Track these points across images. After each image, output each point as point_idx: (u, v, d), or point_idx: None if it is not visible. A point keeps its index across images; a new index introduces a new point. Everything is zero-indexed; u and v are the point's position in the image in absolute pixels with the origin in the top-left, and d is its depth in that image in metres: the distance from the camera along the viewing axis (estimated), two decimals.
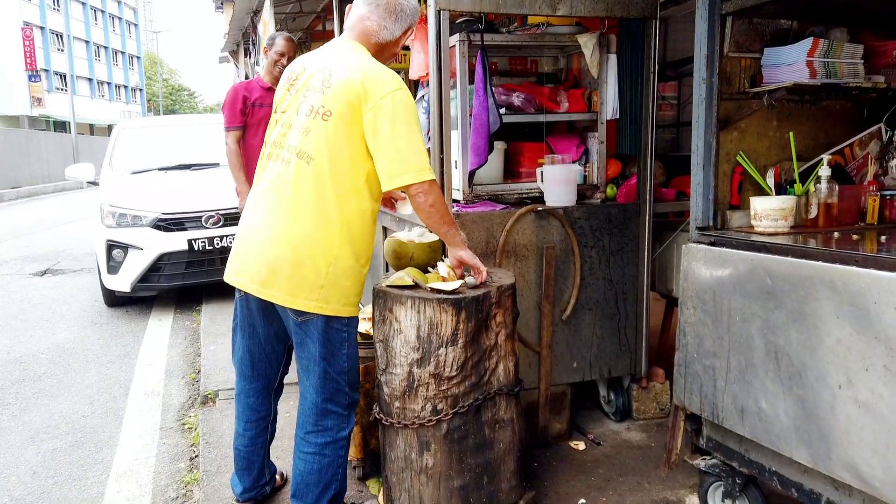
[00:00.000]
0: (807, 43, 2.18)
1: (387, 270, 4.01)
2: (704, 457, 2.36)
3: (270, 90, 4.22)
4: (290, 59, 4.16)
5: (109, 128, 48.82)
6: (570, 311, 3.05)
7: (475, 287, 2.34)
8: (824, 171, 2.25)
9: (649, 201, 3.09)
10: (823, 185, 2.25)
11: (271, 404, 2.42)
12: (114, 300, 6.00)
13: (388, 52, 2.21)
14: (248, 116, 4.17)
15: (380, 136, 2.00)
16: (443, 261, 2.51)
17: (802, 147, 2.51)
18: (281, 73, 4.16)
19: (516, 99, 3.22)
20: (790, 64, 2.23)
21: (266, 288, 2.08)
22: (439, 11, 2.68)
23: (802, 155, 2.49)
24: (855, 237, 2.07)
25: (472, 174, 2.96)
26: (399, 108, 2.00)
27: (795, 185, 2.35)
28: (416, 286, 2.34)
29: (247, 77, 10.68)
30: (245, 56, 11.43)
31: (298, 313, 2.09)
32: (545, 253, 2.96)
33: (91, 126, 45.89)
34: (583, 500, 2.60)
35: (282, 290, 2.05)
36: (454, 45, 3.05)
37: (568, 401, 3.16)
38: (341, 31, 5.03)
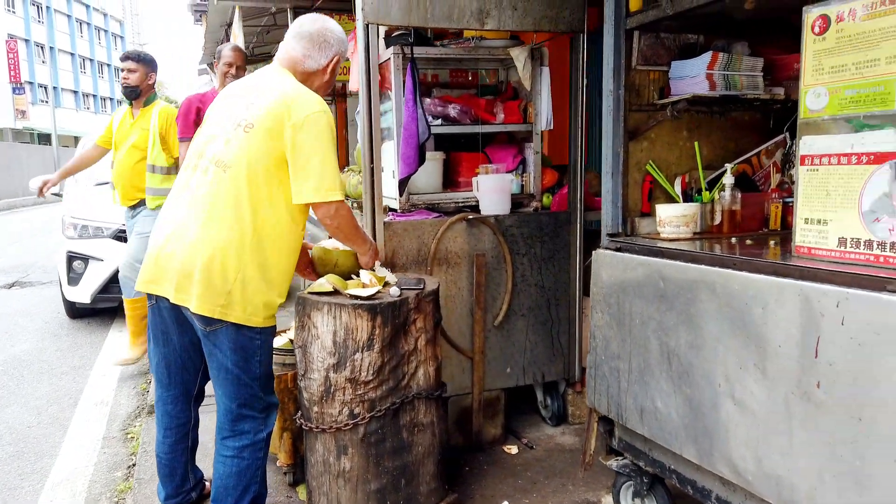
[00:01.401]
0: (706, 56, 2.27)
1: None
2: (617, 457, 2.42)
3: None
4: (238, 69, 4.22)
5: None
6: (503, 318, 3.11)
7: (406, 291, 2.40)
8: (727, 180, 2.34)
9: (580, 209, 3.17)
10: (727, 193, 2.34)
11: (191, 411, 2.45)
12: (75, 312, 6.00)
13: (317, 80, 2.32)
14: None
15: (297, 154, 2.09)
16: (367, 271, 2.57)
17: (713, 156, 2.60)
18: (233, 80, 4.24)
19: (452, 110, 3.30)
20: (693, 77, 2.31)
21: (179, 293, 2.11)
22: (367, 25, 2.75)
23: (712, 164, 2.58)
24: (748, 242, 2.15)
25: (403, 183, 3.02)
26: (318, 129, 2.10)
27: (703, 193, 2.44)
28: (335, 292, 2.39)
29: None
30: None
31: (206, 322, 2.11)
32: (475, 260, 3.03)
33: (76, 138, 45.70)
34: (506, 502, 2.65)
35: (192, 295, 2.08)
36: (388, 58, 3.13)
37: (502, 405, 3.21)
38: None
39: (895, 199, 1.52)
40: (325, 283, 2.41)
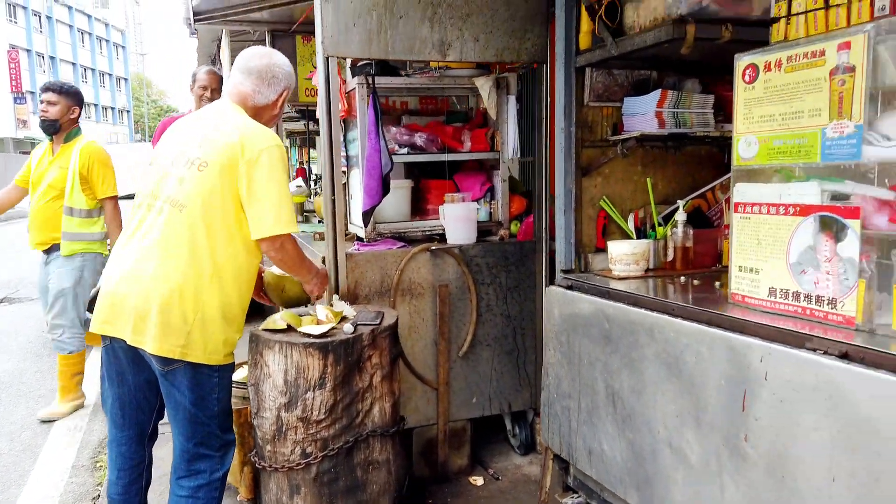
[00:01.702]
0: (656, 95, 2.27)
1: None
2: (573, 495, 2.41)
3: None
4: (213, 92, 4.23)
5: None
6: (467, 348, 3.11)
7: (362, 326, 2.40)
8: (680, 217, 2.34)
9: (545, 238, 3.17)
10: (679, 230, 2.34)
11: (145, 451, 2.44)
12: None
13: (267, 115, 2.33)
14: None
15: (252, 190, 2.10)
16: (323, 303, 2.57)
17: (669, 190, 2.60)
18: (208, 103, 4.26)
19: (419, 139, 3.31)
20: (643, 114, 2.32)
21: (136, 334, 2.09)
22: (327, 58, 2.76)
23: (668, 198, 2.58)
24: (695, 282, 2.14)
25: (367, 214, 3.02)
26: (271, 164, 2.12)
27: (657, 229, 2.44)
28: (288, 329, 2.39)
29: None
30: None
31: (164, 363, 2.10)
32: (439, 292, 3.03)
33: None
34: None
35: (150, 336, 2.07)
36: (353, 88, 3.15)
37: (468, 436, 3.21)
38: None
39: (819, 253, 1.52)
40: (279, 319, 2.41)
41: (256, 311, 3.12)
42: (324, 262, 2.92)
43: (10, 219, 20.12)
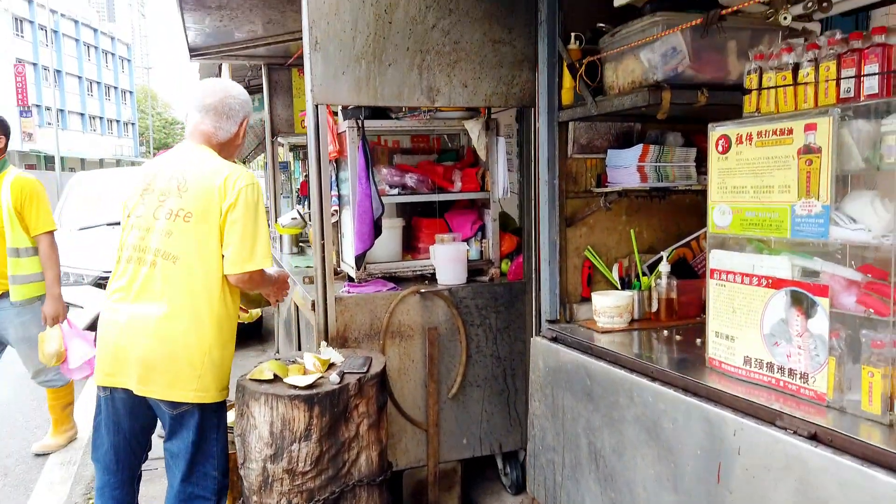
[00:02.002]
0: (637, 149, 2.30)
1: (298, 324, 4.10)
2: None
3: None
4: None
5: (100, 162, 49.17)
6: (457, 389, 3.12)
7: (349, 375, 2.42)
8: (663, 268, 2.36)
9: (535, 279, 3.18)
10: (663, 282, 2.36)
11: (135, 493, 2.47)
12: None
13: (232, 146, 2.38)
14: None
15: (232, 229, 2.17)
16: (314, 352, 2.59)
17: (654, 239, 2.62)
18: None
19: (409, 180, 3.34)
20: (626, 167, 2.34)
21: (143, 384, 2.17)
22: (316, 106, 2.80)
23: (654, 246, 2.60)
24: (678, 337, 2.16)
25: (359, 259, 3.05)
26: (248, 203, 2.18)
27: (641, 279, 2.46)
28: (275, 379, 2.41)
29: None
30: None
31: (174, 406, 2.19)
32: (428, 334, 3.05)
33: (82, 160, 46.24)
34: None
35: (159, 384, 2.16)
36: (344, 131, 3.18)
37: (458, 477, 3.21)
38: (270, 97, 5.20)
39: (791, 326, 1.54)
40: (266, 369, 2.43)
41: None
42: (313, 306, 2.94)
43: None
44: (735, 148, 1.66)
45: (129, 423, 2.33)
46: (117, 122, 53.92)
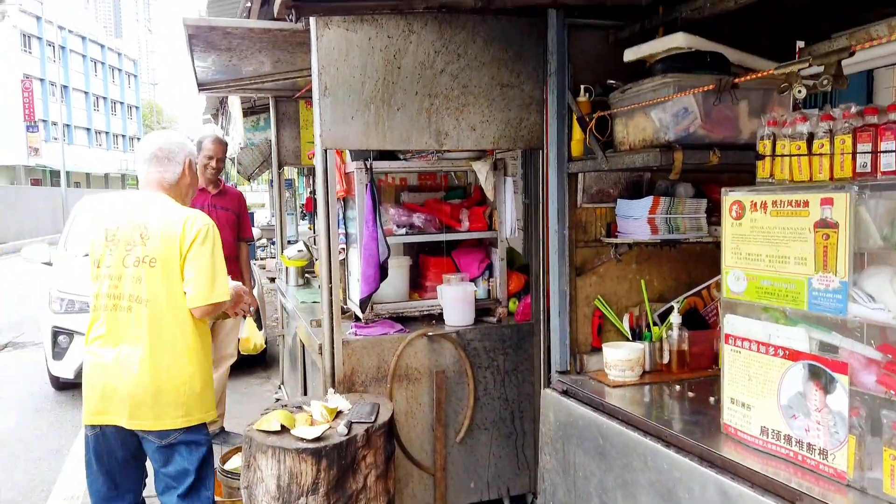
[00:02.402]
0: (648, 201, 2.28)
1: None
2: None
3: (203, 191, 4.32)
4: (218, 161, 4.29)
5: (105, 177, 49.41)
6: (465, 433, 3.09)
7: (356, 425, 2.40)
8: (675, 319, 2.34)
9: (543, 321, 3.16)
10: (674, 333, 2.34)
11: None
12: (60, 384, 6.01)
13: (182, 186, 2.56)
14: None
15: (191, 266, 2.36)
16: (321, 399, 2.58)
17: (664, 287, 2.60)
18: (213, 174, 4.31)
19: (417, 219, 3.33)
20: (636, 219, 2.33)
21: (133, 419, 2.34)
22: (325, 150, 2.80)
23: (664, 295, 2.58)
24: (690, 394, 2.13)
25: (364, 301, 3.03)
26: (205, 242, 2.38)
27: (652, 329, 2.44)
28: (283, 430, 2.39)
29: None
30: (221, 121, 11.76)
31: (162, 436, 2.35)
32: (436, 378, 3.02)
33: (87, 175, 46.46)
34: None
35: (148, 417, 2.33)
36: (352, 171, 3.18)
37: None
38: (277, 129, 5.21)
39: (809, 400, 1.51)
40: (273, 420, 2.41)
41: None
42: (320, 350, 2.93)
43: (18, 251, 20.32)
44: (749, 214, 1.65)
45: (123, 452, 2.45)
46: (123, 136, 54.22)
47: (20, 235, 22.25)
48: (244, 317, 3.99)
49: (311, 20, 2.56)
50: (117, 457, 2.44)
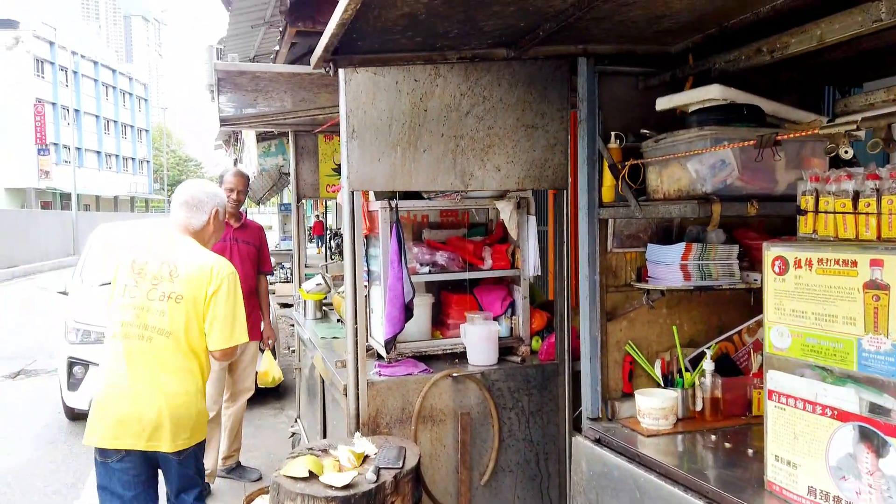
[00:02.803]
0: (680, 248, 2.27)
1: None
2: None
3: (226, 224, 4.33)
4: (239, 194, 4.31)
5: (115, 199, 49.79)
6: (490, 475, 3.05)
7: (385, 470, 2.38)
8: (707, 366, 2.32)
9: (567, 361, 3.14)
10: (707, 380, 2.31)
11: None
12: (74, 415, 5.99)
13: (206, 232, 2.84)
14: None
15: (215, 311, 2.62)
16: (345, 444, 2.56)
17: (695, 331, 2.58)
18: (234, 207, 4.33)
19: (440, 258, 3.33)
20: (668, 264, 2.32)
21: (151, 441, 2.54)
22: (352, 192, 2.81)
23: (695, 339, 2.56)
24: (727, 445, 2.10)
25: (389, 342, 3.02)
26: (229, 288, 2.65)
27: (684, 374, 2.41)
28: (311, 476, 2.37)
29: (235, 163, 11.03)
30: (234, 147, 11.88)
31: (178, 453, 2.59)
32: (460, 419, 3.00)
33: (97, 197, 46.84)
34: None
35: (165, 439, 2.55)
36: (376, 210, 3.19)
37: None
38: (296, 162, 5.25)
39: (860, 463, 1.49)
40: (301, 466, 2.39)
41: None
42: (345, 391, 2.91)
43: (28, 275, 20.42)
44: (793, 271, 1.63)
45: (137, 473, 2.61)
46: (132, 159, 54.77)
47: (30, 259, 22.37)
48: (262, 350, 4.12)
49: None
50: (130, 478, 2.59)
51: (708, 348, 2.34)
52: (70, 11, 35.51)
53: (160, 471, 2.73)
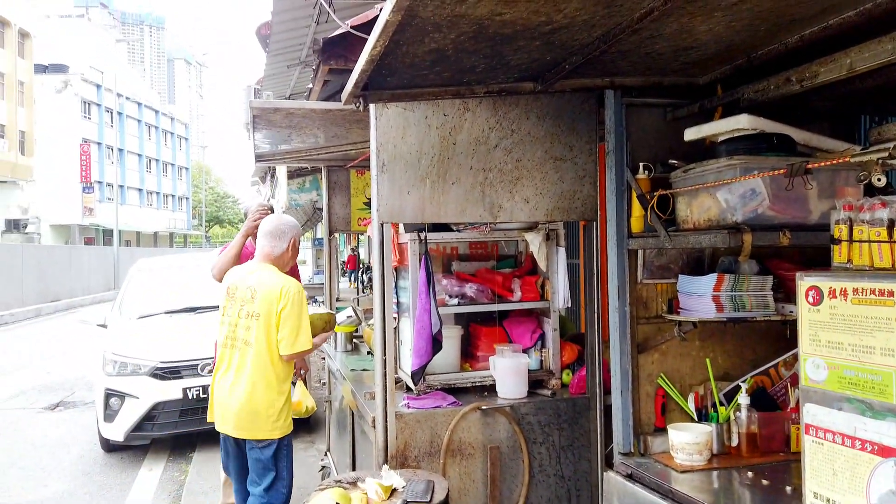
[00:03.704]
0: (712, 279, 2.24)
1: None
2: None
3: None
4: None
5: (154, 235, 51.14)
6: None
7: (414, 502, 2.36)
8: (743, 400, 2.26)
9: (599, 394, 3.08)
10: (743, 414, 2.25)
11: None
12: (110, 446, 6.08)
13: (284, 258, 3.31)
14: None
15: (284, 323, 3.10)
16: (373, 477, 2.54)
17: (729, 364, 2.52)
18: None
19: (469, 290, 3.34)
20: (700, 295, 2.28)
21: (238, 430, 3.14)
22: (381, 224, 2.85)
23: (729, 373, 2.50)
24: (764, 482, 2.03)
25: (417, 374, 3.02)
26: (294, 302, 3.11)
27: (719, 409, 2.35)
28: None
29: (267, 199, 11.30)
30: (270, 183, 12.17)
31: (256, 443, 3.12)
32: (490, 453, 2.96)
33: (138, 233, 48.19)
34: None
35: (247, 429, 3.12)
36: (406, 242, 3.22)
37: None
38: (329, 196, 5.34)
39: None
40: (329, 499, 2.38)
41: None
42: (373, 422, 2.90)
43: (71, 308, 20.99)
44: (828, 301, 1.60)
45: (232, 451, 3.31)
46: (172, 196, 56.32)
47: (73, 293, 23.01)
48: (294, 383, 4.20)
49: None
50: (229, 448, 3.30)
51: (743, 382, 2.29)
52: (117, 55, 37.08)
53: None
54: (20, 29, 33.47)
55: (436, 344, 2.98)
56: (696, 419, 2.36)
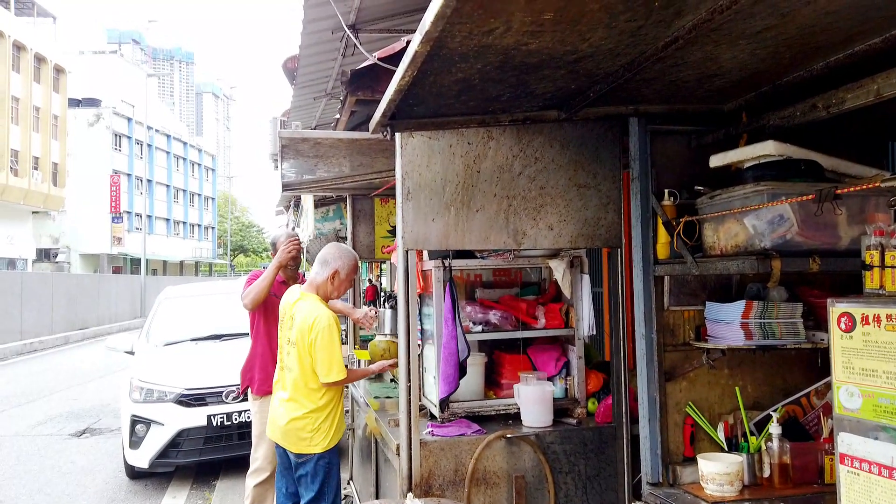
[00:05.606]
0: (740, 305, 2.22)
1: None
2: None
3: (284, 283, 4.45)
4: (294, 258, 4.43)
5: (180, 264, 51.93)
6: None
7: None
8: (774, 430, 2.22)
9: (625, 424, 3.04)
10: (774, 444, 2.21)
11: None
12: (135, 473, 6.10)
13: (326, 286, 3.33)
14: (264, 302, 4.35)
15: (316, 352, 3.17)
16: None
17: (759, 393, 2.48)
18: (293, 271, 4.45)
19: (493, 317, 3.34)
20: (728, 323, 2.26)
21: (283, 442, 3.32)
22: (406, 251, 2.87)
23: (759, 402, 2.46)
24: None
25: (444, 402, 3.01)
26: (325, 332, 3.15)
27: (749, 438, 2.31)
28: None
29: (293, 228, 11.44)
30: (295, 211, 12.34)
31: (299, 457, 3.26)
32: (515, 483, 2.92)
33: (164, 262, 48.99)
34: None
35: (290, 443, 3.28)
36: (430, 269, 3.24)
37: None
38: (353, 224, 5.39)
39: None
40: None
41: None
42: (398, 450, 2.89)
43: (98, 336, 21.28)
44: (861, 328, 1.57)
45: (283, 460, 3.44)
46: (199, 226, 57.28)
47: (100, 321, 23.36)
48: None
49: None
50: (282, 461, 3.44)
51: (774, 411, 2.25)
52: (147, 89, 38.17)
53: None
54: (56, 64, 34.67)
55: (462, 370, 2.98)
56: (726, 449, 2.32)
